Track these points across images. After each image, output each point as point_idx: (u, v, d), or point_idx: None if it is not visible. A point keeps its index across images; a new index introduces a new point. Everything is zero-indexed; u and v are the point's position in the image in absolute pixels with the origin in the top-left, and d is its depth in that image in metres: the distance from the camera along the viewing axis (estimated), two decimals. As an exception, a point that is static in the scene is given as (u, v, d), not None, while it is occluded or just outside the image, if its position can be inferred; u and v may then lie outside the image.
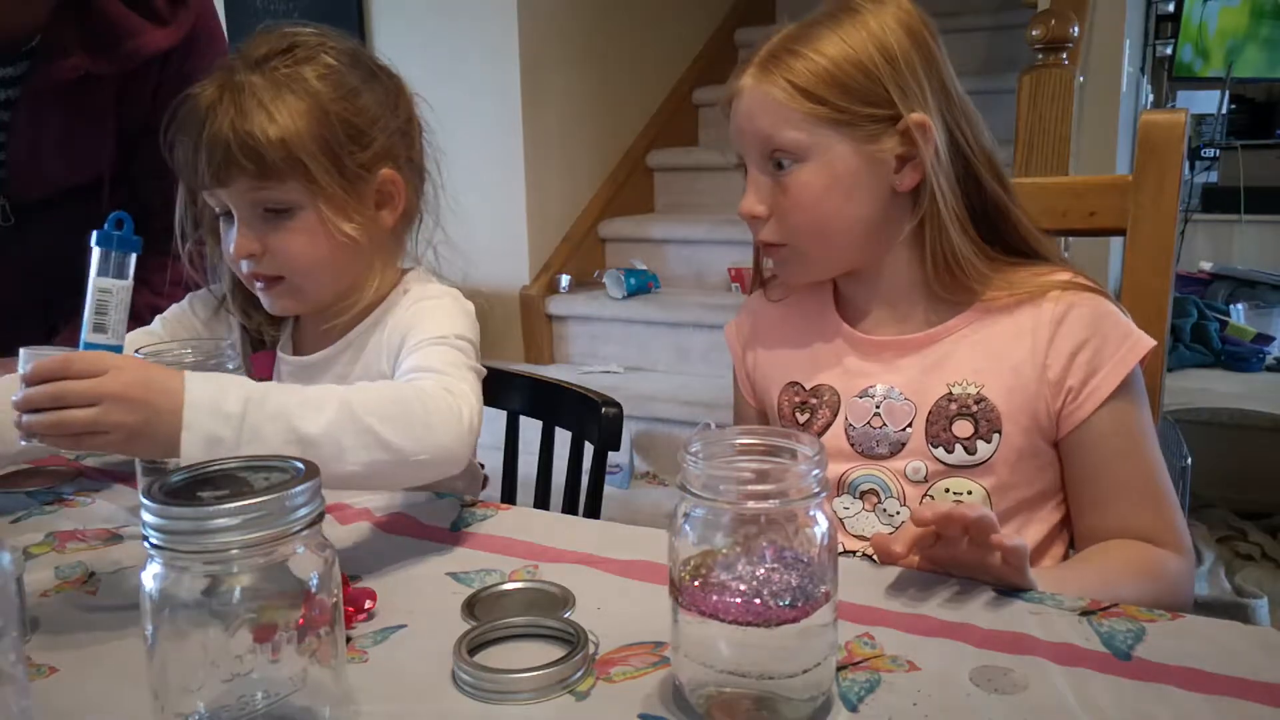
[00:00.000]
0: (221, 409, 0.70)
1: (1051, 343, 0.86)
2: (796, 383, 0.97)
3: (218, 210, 0.96)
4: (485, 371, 0.94)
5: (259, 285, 0.97)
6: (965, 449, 0.87)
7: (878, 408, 0.90)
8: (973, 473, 0.87)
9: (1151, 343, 0.86)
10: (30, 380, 0.69)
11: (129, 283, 0.76)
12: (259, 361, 1.06)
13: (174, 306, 1.11)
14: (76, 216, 1.28)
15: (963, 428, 0.87)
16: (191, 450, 0.69)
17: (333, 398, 0.76)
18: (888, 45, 0.85)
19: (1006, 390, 0.87)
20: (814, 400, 0.95)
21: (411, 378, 0.87)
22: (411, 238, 1.06)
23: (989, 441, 0.87)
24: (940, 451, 0.88)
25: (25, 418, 0.69)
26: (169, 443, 0.69)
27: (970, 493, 0.88)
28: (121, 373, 0.69)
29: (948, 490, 0.88)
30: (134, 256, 0.79)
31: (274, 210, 0.92)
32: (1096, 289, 0.88)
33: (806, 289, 0.99)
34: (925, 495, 0.89)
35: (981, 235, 0.89)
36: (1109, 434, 0.86)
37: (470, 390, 0.86)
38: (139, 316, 1.29)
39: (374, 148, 0.95)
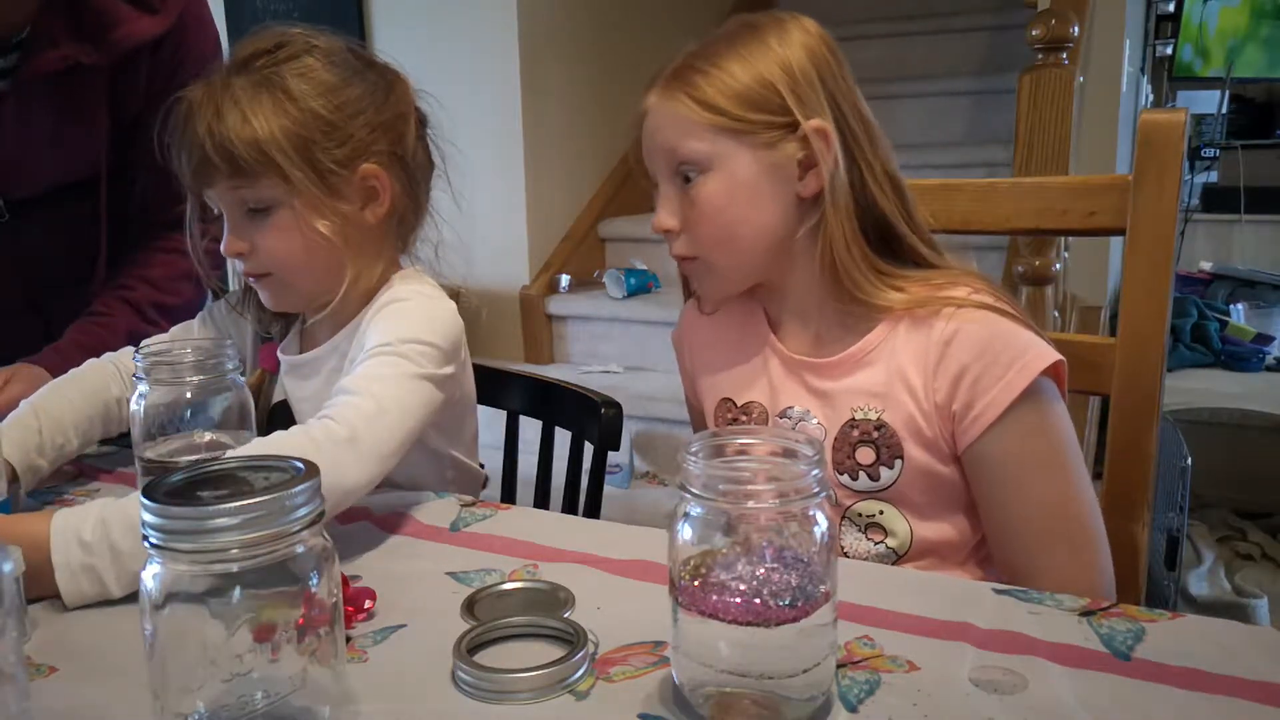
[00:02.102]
0: (81, 538, 0.71)
1: (939, 365, 0.85)
2: (729, 399, 0.98)
3: (215, 211, 0.98)
4: (449, 372, 0.93)
5: (251, 280, 0.99)
6: (869, 476, 0.88)
7: (794, 429, 0.91)
8: (882, 496, 0.88)
9: (1050, 359, 0.83)
10: None
11: None
12: (265, 352, 1.08)
13: (188, 324, 1.14)
14: (73, 214, 1.28)
15: (865, 454, 0.88)
16: (69, 586, 0.70)
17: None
18: (786, 60, 0.86)
19: (905, 415, 0.86)
20: (744, 418, 0.96)
21: (328, 405, 0.85)
22: (410, 236, 1.05)
23: (891, 468, 0.87)
24: (845, 478, 0.89)
25: None
26: (51, 583, 0.70)
27: (882, 512, 0.88)
28: None
29: (860, 514, 0.89)
30: None
31: (256, 209, 0.94)
32: (992, 305, 0.85)
33: (736, 301, 0.99)
34: (843, 519, 0.89)
35: (875, 247, 0.88)
36: (1003, 459, 0.84)
37: (392, 404, 0.85)
38: (141, 312, 1.29)
39: (351, 143, 0.95)
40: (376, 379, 0.87)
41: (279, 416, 1.06)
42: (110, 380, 1.06)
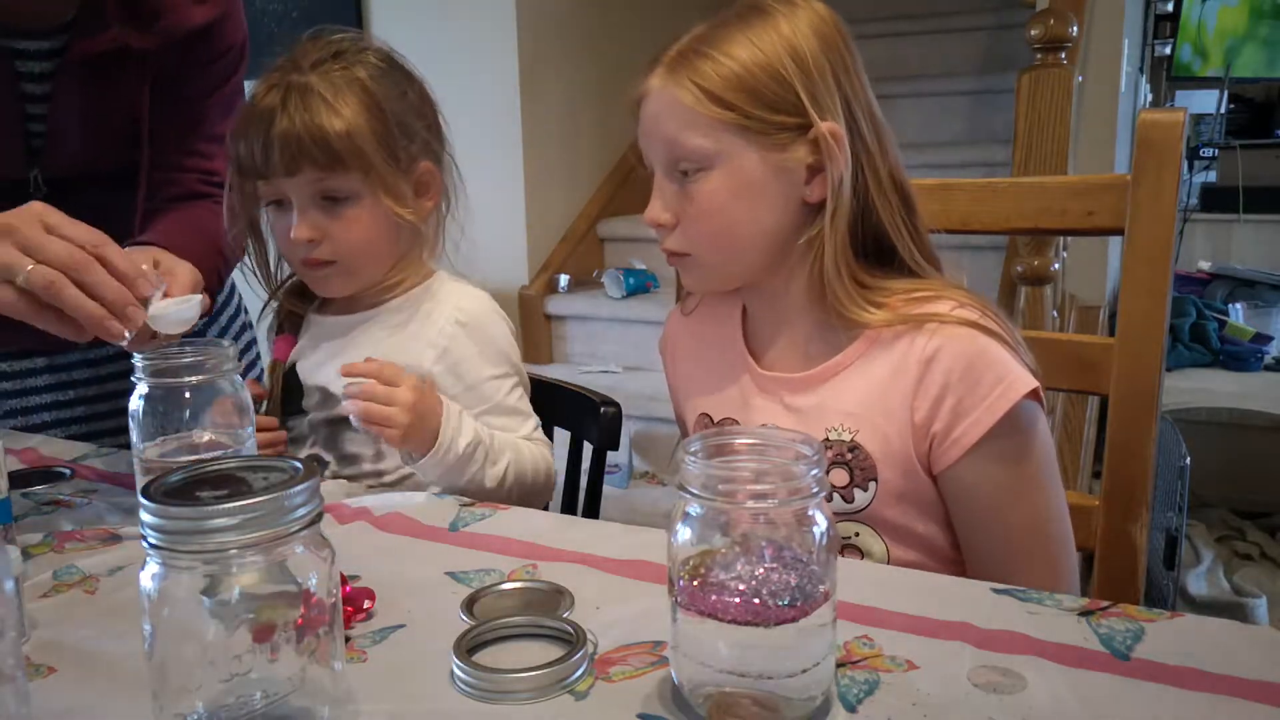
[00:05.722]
0: (466, 423, 0.98)
1: (920, 384, 0.82)
2: (706, 414, 0.97)
3: (268, 199, 1.04)
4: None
5: (309, 268, 1.05)
6: (843, 498, 0.85)
7: None
8: (856, 518, 0.86)
9: (1031, 385, 0.80)
10: (347, 373, 0.96)
11: None
12: (280, 344, 1.13)
13: None
14: (110, 202, 1.26)
15: (839, 476, 0.85)
16: (445, 434, 0.96)
17: (508, 450, 1.03)
18: (799, 50, 0.81)
19: (881, 437, 0.84)
20: None
21: (508, 430, 1.06)
22: (440, 233, 1.14)
23: (865, 490, 0.84)
24: None
25: (345, 404, 0.95)
26: (430, 436, 0.95)
27: (857, 534, 0.86)
28: (410, 389, 0.94)
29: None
30: None
31: (332, 198, 1.02)
32: (976, 321, 0.82)
33: (719, 310, 0.97)
34: None
35: (868, 255, 0.86)
36: (982, 482, 0.82)
37: (543, 436, 1.11)
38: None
39: (417, 140, 1.06)
40: (530, 415, 1.11)
41: (289, 383, 1.11)
42: None
